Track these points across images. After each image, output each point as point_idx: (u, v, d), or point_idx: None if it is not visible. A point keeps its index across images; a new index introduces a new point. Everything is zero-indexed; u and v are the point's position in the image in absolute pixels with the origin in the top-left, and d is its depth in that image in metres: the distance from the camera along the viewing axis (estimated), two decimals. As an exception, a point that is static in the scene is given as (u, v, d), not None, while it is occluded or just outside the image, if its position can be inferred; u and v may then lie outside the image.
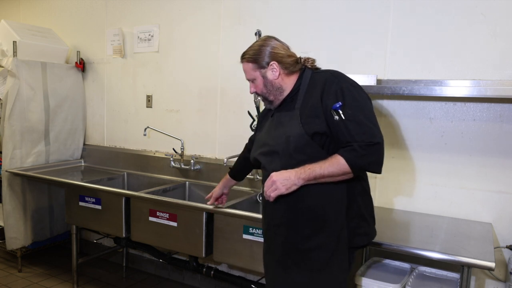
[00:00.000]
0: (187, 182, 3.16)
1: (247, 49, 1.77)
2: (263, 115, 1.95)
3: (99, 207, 2.83)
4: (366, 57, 2.51)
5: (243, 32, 2.93)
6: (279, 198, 1.65)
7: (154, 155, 3.40)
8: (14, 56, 3.31)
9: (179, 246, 2.52)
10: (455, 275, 2.14)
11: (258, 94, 1.79)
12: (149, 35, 3.39)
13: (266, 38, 1.76)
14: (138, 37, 3.45)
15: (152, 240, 2.66)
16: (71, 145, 3.77)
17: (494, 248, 2.00)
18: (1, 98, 3.37)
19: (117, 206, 2.73)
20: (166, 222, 2.52)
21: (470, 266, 1.78)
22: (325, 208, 1.64)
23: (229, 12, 2.99)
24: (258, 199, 2.72)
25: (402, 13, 2.39)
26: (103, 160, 3.71)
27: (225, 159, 2.74)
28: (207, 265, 2.79)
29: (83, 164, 3.82)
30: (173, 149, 3.23)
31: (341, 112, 1.55)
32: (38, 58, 3.49)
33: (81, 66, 3.75)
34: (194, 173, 3.17)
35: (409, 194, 2.45)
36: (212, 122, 3.15)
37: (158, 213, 2.54)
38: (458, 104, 2.31)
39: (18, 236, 3.41)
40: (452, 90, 2.11)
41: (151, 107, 3.46)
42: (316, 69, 1.78)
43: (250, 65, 1.74)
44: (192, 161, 3.13)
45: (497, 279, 2.25)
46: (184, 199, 3.10)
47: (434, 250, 1.82)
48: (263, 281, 2.72)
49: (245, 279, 2.70)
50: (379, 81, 2.37)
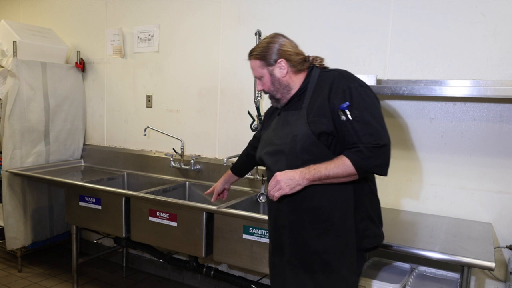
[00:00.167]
0: (187, 182, 3.16)
1: (255, 46, 1.75)
2: (270, 113, 1.92)
3: (99, 207, 2.83)
4: (366, 57, 2.51)
5: (243, 32, 2.93)
6: (283, 198, 1.63)
7: (154, 155, 3.40)
8: (14, 56, 3.31)
9: (179, 246, 2.52)
10: (455, 275, 2.14)
11: (265, 92, 1.77)
12: (149, 35, 3.39)
13: (275, 35, 1.73)
14: (138, 37, 3.45)
15: (152, 240, 2.66)
16: (71, 145, 3.77)
17: (494, 248, 2.00)
18: (1, 98, 3.37)
19: (117, 206, 2.73)
20: (166, 222, 2.52)
21: (470, 266, 1.78)
22: (331, 210, 1.61)
23: (229, 12, 2.99)
24: (258, 199, 2.72)
25: (402, 13, 2.39)
26: (103, 160, 3.71)
27: (225, 159, 2.74)
28: (207, 265, 2.79)
29: (83, 164, 3.82)
30: (173, 149, 3.24)
31: (348, 113, 1.52)
32: (38, 58, 3.49)
33: (81, 66, 3.75)
34: (194, 173, 3.17)
35: (409, 194, 2.45)
36: (212, 122, 3.15)
37: (158, 213, 2.54)
38: (458, 104, 2.31)
39: (18, 236, 3.41)
40: (452, 90, 2.11)
41: (151, 107, 3.46)
42: (324, 68, 1.76)
43: (258, 62, 1.72)
44: (192, 161, 3.13)
45: (497, 279, 2.25)
46: (184, 199, 3.10)
47: (434, 250, 1.82)
48: (263, 281, 2.72)
49: (245, 279, 2.69)
50: (379, 81, 2.37)
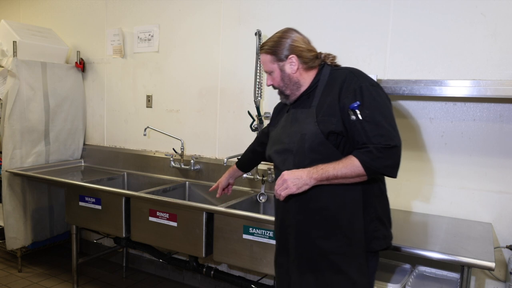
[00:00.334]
0: (187, 182, 3.15)
1: (267, 40, 1.72)
2: (278, 110, 1.90)
3: (99, 207, 2.83)
4: (366, 57, 2.51)
5: (243, 32, 2.93)
6: (290, 198, 1.61)
7: (154, 155, 3.40)
8: (14, 56, 3.31)
9: (179, 246, 2.52)
10: (455, 275, 2.14)
11: (275, 87, 1.75)
12: (149, 35, 3.39)
13: (287, 30, 1.70)
14: (138, 37, 3.45)
15: (152, 240, 2.66)
16: (71, 145, 3.77)
17: (494, 248, 2.00)
18: (1, 98, 3.37)
19: (117, 206, 2.73)
20: (166, 222, 2.51)
21: (470, 266, 1.78)
22: (338, 210, 1.58)
23: (229, 12, 2.99)
24: (258, 199, 2.72)
25: (402, 13, 2.39)
26: (103, 160, 3.71)
27: (225, 159, 2.74)
28: (207, 265, 2.79)
29: (83, 164, 3.82)
30: (173, 149, 3.23)
31: (359, 112, 1.49)
32: (38, 58, 3.49)
33: (81, 66, 3.75)
34: (194, 173, 3.17)
35: (409, 194, 2.45)
36: (212, 122, 3.14)
37: (158, 213, 2.54)
38: (458, 104, 2.31)
39: (18, 236, 3.41)
40: (452, 90, 2.11)
41: (151, 107, 3.46)
42: (336, 66, 1.73)
43: (269, 57, 1.69)
44: (192, 161, 3.13)
45: (497, 279, 2.25)
46: (184, 199, 3.10)
47: (434, 250, 1.82)
48: (263, 281, 2.72)
49: (245, 279, 2.69)
50: (379, 81, 2.36)
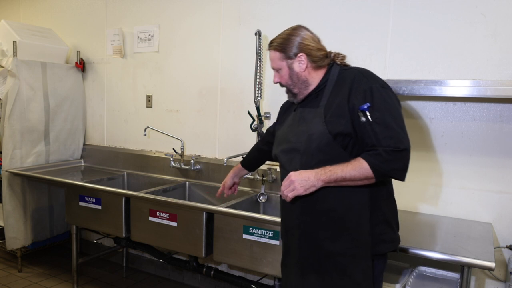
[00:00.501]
0: (187, 182, 3.15)
1: (276, 37, 1.69)
2: (285, 108, 1.88)
3: (99, 207, 2.83)
4: (366, 57, 2.51)
5: (243, 32, 2.93)
6: (297, 199, 1.59)
7: (154, 155, 3.40)
8: (14, 56, 3.31)
9: (179, 246, 2.52)
10: (455, 275, 2.14)
11: (282, 85, 1.72)
12: (149, 35, 3.39)
13: (297, 27, 1.67)
14: (138, 37, 3.45)
15: (152, 240, 2.66)
16: (71, 145, 3.77)
17: (494, 248, 2.00)
18: (1, 98, 3.37)
19: (117, 206, 2.73)
20: (166, 222, 2.51)
21: (470, 266, 1.78)
22: (346, 212, 1.57)
23: (229, 12, 2.99)
24: (258, 199, 2.72)
25: (402, 13, 2.39)
26: (103, 160, 3.71)
27: (225, 159, 2.73)
28: (207, 265, 2.79)
29: (83, 164, 3.82)
30: (173, 149, 3.23)
31: (369, 114, 1.47)
32: (38, 58, 3.49)
33: (81, 66, 3.75)
34: (194, 173, 3.17)
35: (409, 194, 2.44)
36: (212, 122, 3.14)
37: (158, 213, 2.54)
38: (458, 104, 2.31)
39: (18, 236, 3.41)
40: (452, 90, 2.11)
41: (151, 107, 3.46)
42: (345, 66, 1.71)
43: (277, 54, 1.66)
44: (192, 161, 3.13)
45: (497, 279, 2.25)
46: (184, 199, 3.10)
47: (434, 250, 1.82)
48: (263, 281, 2.72)
49: (245, 279, 2.69)
50: (379, 81, 2.37)
